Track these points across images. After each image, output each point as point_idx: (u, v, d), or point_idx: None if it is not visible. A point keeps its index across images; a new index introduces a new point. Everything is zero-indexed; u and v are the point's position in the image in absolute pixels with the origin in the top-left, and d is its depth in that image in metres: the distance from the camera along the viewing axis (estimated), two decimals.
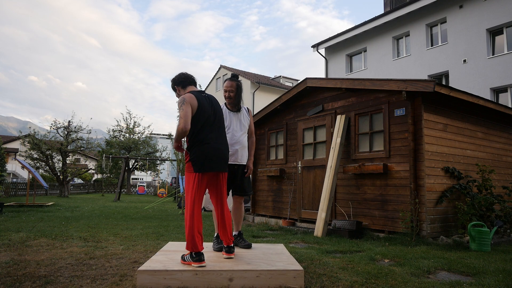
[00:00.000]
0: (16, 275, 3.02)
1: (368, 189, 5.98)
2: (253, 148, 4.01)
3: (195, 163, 3.05)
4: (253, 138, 4.05)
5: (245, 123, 3.88)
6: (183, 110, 2.98)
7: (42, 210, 9.77)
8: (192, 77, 3.36)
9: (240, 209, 3.89)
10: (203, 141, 3.07)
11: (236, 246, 3.73)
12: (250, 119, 3.98)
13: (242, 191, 3.82)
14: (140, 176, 52.52)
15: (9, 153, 31.11)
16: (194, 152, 3.06)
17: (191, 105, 3.02)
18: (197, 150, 3.06)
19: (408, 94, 5.46)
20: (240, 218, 3.90)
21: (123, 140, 29.87)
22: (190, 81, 3.32)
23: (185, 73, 3.37)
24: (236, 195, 3.87)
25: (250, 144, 4.02)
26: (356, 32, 19.00)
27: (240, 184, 3.81)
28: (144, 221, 7.89)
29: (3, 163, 17.08)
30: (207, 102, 3.18)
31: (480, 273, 3.37)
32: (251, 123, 3.99)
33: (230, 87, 3.82)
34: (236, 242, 3.79)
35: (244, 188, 3.83)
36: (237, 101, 3.85)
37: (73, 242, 4.76)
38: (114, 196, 19.53)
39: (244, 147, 3.82)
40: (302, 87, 7.35)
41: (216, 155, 3.11)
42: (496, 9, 14.25)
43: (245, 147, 3.84)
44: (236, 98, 3.83)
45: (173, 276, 2.76)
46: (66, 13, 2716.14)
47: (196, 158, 3.05)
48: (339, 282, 2.96)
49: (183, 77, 3.33)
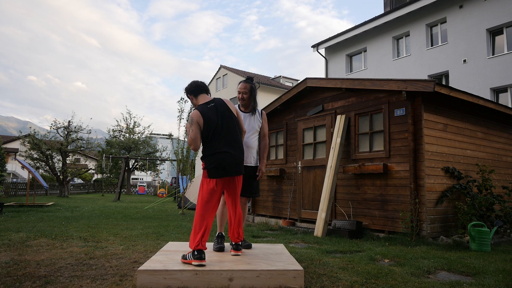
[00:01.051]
0: (16, 275, 3.02)
1: (368, 189, 5.98)
2: (265, 151, 4.00)
3: (209, 170, 3.19)
4: (266, 141, 4.02)
5: (256, 125, 3.87)
6: (192, 131, 3.18)
7: (42, 210, 9.77)
8: (203, 85, 3.45)
9: (244, 210, 3.89)
10: (215, 151, 3.19)
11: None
12: (263, 122, 3.97)
13: (248, 192, 3.81)
14: (140, 176, 52.54)
15: (9, 153, 31.11)
16: (207, 161, 3.21)
17: (198, 124, 3.19)
18: (209, 159, 3.20)
19: (408, 94, 5.46)
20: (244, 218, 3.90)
21: (123, 140, 29.89)
22: (201, 89, 3.42)
23: (197, 81, 3.46)
24: (242, 196, 3.86)
25: (263, 146, 4.01)
26: (356, 32, 19.00)
27: (246, 185, 3.80)
28: (144, 221, 7.89)
29: (3, 163, 17.09)
30: (214, 112, 3.25)
31: (480, 273, 3.37)
32: (264, 125, 3.98)
33: (244, 89, 3.87)
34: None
35: (250, 190, 3.82)
36: (249, 103, 3.88)
37: (73, 242, 4.76)
38: (114, 196, 19.54)
39: (250, 148, 3.79)
40: (302, 87, 7.35)
41: (228, 161, 3.18)
42: (496, 9, 14.25)
43: (252, 148, 3.81)
44: (248, 100, 3.87)
45: (173, 276, 2.76)
46: (65, 13, 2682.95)
47: (209, 166, 3.19)
48: (339, 282, 2.96)
49: (194, 86, 3.43)
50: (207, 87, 3.48)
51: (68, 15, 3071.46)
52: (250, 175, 3.79)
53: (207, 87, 3.49)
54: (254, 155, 3.83)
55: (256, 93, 3.94)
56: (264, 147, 4.01)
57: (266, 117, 4.05)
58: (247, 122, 3.85)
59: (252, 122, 3.87)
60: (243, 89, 3.88)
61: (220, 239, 3.67)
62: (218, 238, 3.68)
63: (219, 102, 3.34)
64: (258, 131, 3.93)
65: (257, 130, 3.91)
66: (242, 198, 3.85)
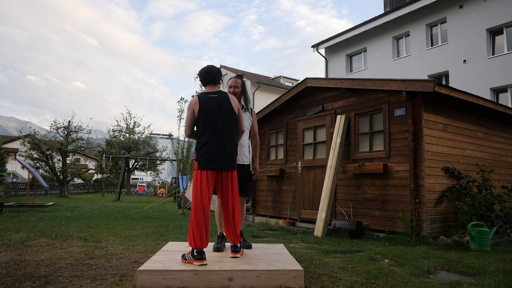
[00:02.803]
0: (16, 275, 3.02)
1: (368, 189, 5.98)
2: (257, 149, 4.00)
3: (198, 162, 3.19)
4: (257, 139, 4.02)
5: (246, 123, 3.85)
6: (187, 117, 3.22)
7: (42, 210, 9.76)
8: (210, 76, 3.35)
9: (241, 210, 3.88)
10: (205, 142, 3.18)
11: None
12: (253, 120, 3.96)
13: (241, 191, 3.80)
14: (140, 176, 52.51)
15: (9, 153, 31.11)
16: (198, 152, 3.22)
17: (193, 110, 3.21)
18: (200, 150, 3.20)
19: (408, 94, 5.46)
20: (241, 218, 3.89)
21: (123, 140, 29.87)
22: (208, 80, 3.37)
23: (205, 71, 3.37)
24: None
25: (254, 145, 4.00)
26: (356, 32, 19.00)
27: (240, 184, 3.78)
28: (144, 221, 7.89)
29: (3, 163, 17.08)
30: (213, 103, 3.22)
31: (480, 273, 3.37)
32: (254, 123, 3.96)
33: (235, 83, 3.88)
34: None
35: (244, 188, 3.79)
36: (240, 98, 3.89)
37: (73, 242, 4.76)
38: (114, 196, 19.53)
39: (242, 146, 3.76)
40: (302, 87, 7.35)
41: (218, 154, 3.15)
42: (496, 9, 14.25)
43: (244, 146, 3.79)
44: (240, 95, 3.87)
45: (173, 276, 2.76)
46: (64, 12, 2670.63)
47: (199, 157, 3.19)
48: (339, 282, 2.96)
49: (203, 76, 3.38)
50: (215, 78, 3.37)
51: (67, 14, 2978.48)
52: (243, 173, 3.77)
53: (216, 77, 3.37)
54: (246, 153, 3.80)
55: (246, 90, 3.94)
56: (256, 145, 4.00)
57: (255, 115, 4.04)
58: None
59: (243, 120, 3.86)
60: (234, 83, 3.88)
61: (220, 239, 3.66)
62: (218, 238, 3.68)
63: (222, 95, 3.29)
64: (249, 129, 3.90)
65: (248, 128, 3.88)
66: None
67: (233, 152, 3.26)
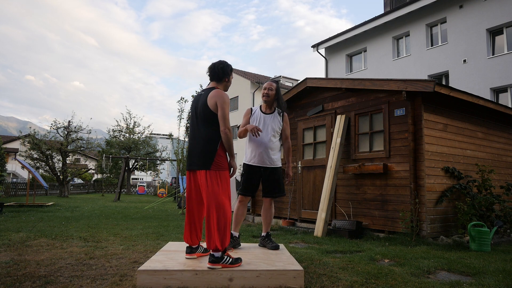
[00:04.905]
0: (16, 275, 3.02)
1: (368, 189, 5.98)
2: (290, 154, 3.99)
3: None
4: (289, 143, 3.99)
5: (276, 127, 3.84)
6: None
7: (42, 210, 9.76)
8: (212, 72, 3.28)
9: (268, 211, 3.88)
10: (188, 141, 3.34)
11: (263, 247, 3.78)
12: (285, 124, 3.94)
13: (268, 192, 3.82)
14: (140, 176, 52.51)
15: (9, 153, 31.10)
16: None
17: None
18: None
19: (408, 94, 5.46)
20: (268, 219, 3.88)
21: (123, 140, 29.87)
22: (211, 76, 3.32)
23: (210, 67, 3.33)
24: (263, 196, 3.88)
25: (286, 149, 3.99)
26: (356, 32, 19.00)
27: (266, 186, 3.81)
28: (144, 221, 7.89)
29: (3, 163, 17.08)
30: (196, 100, 3.29)
31: (480, 273, 3.37)
32: (285, 127, 3.94)
33: (270, 86, 3.88)
34: (264, 243, 3.82)
35: (271, 190, 3.81)
36: (273, 102, 3.89)
37: (73, 242, 4.76)
38: (114, 196, 19.53)
39: (270, 149, 3.77)
40: (302, 87, 7.35)
41: (189, 154, 3.27)
42: (496, 9, 14.25)
43: (272, 150, 3.79)
44: (273, 98, 3.87)
45: (173, 276, 2.76)
46: (63, 12, 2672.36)
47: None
48: (339, 282, 2.96)
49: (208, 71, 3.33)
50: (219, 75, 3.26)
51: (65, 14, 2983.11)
52: (268, 175, 3.79)
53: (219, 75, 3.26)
54: (271, 156, 3.79)
55: (281, 95, 3.91)
56: (288, 149, 3.98)
57: (288, 119, 4.01)
58: (268, 124, 3.81)
59: (273, 124, 3.83)
60: (269, 86, 3.88)
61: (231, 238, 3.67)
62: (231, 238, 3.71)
63: (206, 93, 3.17)
64: (278, 132, 3.87)
65: (277, 132, 3.86)
66: (265, 199, 3.88)
67: (200, 151, 3.06)
